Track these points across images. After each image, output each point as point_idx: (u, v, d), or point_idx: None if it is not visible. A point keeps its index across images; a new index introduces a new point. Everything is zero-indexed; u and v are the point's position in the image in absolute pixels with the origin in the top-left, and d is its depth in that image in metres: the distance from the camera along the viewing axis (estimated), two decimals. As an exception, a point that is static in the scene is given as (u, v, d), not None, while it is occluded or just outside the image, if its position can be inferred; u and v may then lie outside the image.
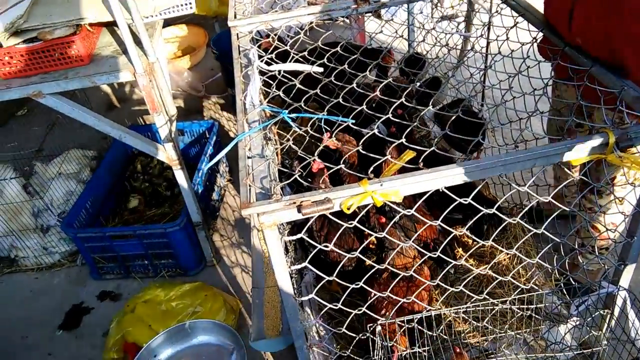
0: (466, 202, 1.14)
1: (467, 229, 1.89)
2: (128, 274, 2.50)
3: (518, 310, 1.51)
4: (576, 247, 1.61)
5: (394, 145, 1.30)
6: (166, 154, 2.01)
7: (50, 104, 1.76)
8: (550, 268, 1.53)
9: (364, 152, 1.28)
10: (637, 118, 1.19)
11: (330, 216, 1.11)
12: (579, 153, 1.11)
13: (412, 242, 1.71)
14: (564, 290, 1.65)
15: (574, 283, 1.55)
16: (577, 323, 1.56)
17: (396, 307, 1.43)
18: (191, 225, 2.33)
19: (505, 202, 2.05)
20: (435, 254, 1.32)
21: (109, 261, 2.46)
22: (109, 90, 3.77)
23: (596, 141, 1.09)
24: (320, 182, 1.73)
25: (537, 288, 1.68)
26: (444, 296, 1.76)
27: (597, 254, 1.51)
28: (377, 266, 1.30)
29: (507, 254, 1.92)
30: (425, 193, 1.13)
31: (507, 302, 1.47)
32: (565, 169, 1.52)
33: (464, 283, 1.37)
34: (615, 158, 1.11)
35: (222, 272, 2.45)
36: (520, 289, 1.55)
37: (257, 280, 1.76)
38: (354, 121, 1.32)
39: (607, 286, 1.44)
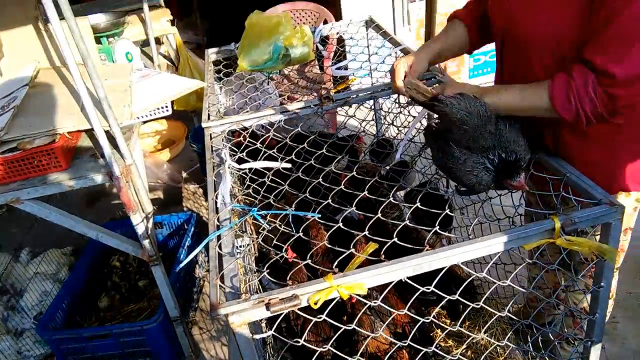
0: (429, 290, 1.19)
1: (441, 310, 1.93)
2: (104, 376, 2.42)
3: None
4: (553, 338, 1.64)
5: (357, 238, 1.37)
6: (142, 250, 2.04)
7: (28, 210, 1.81)
8: (526, 348, 1.55)
9: (329, 246, 1.33)
10: (584, 204, 1.27)
11: (299, 312, 1.14)
12: (530, 239, 1.18)
13: (388, 326, 1.74)
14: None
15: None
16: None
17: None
18: (169, 321, 2.31)
19: (480, 281, 2.10)
20: (405, 342, 1.34)
21: (84, 363, 2.39)
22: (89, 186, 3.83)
23: (543, 227, 1.17)
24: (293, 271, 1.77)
25: (515, 368, 1.69)
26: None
27: (575, 344, 1.53)
28: (350, 359, 1.31)
29: (489, 340, 1.95)
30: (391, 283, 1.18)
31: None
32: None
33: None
34: (563, 241, 1.18)
35: (202, 367, 2.40)
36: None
37: (234, 376, 1.74)
38: (320, 215, 1.39)
39: (577, 363, 1.47)
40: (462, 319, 1.84)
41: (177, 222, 3.00)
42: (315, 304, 1.10)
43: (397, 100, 2.19)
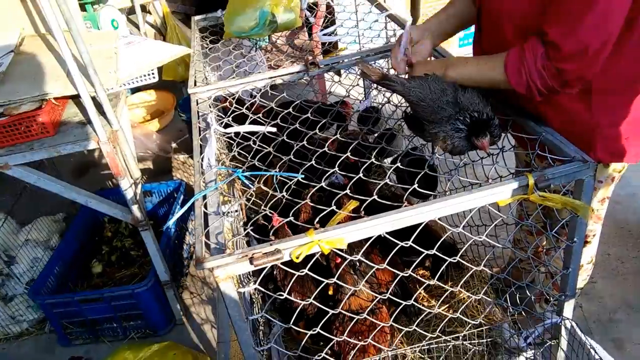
0: (407, 245, 1.24)
1: (422, 269, 1.99)
2: (97, 339, 2.48)
3: (470, 346, 1.58)
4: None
5: (340, 195, 1.41)
6: (132, 215, 2.08)
7: (17, 175, 1.83)
8: (504, 304, 1.62)
9: (311, 204, 1.37)
10: (560, 161, 1.31)
11: (281, 266, 1.19)
12: (503, 195, 1.23)
13: (372, 286, 1.80)
14: (517, 321, 1.73)
15: (524, 314, 1.64)
16: (531, 355, 1.64)
17: (356, 349, 1.49)
18: (159, 285, 2.36)
19: (461, 242, 2.17)
20: (386, 295, 1.40)
21: (77, 326, 2.45)
22: (78, 157, 3.84)
23: (516, 183, 1.21)
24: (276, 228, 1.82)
25: (493, 324, 1.76)
26: (400, 335, 1.81)
27: (553, 304, 1.59)
28: (332, 311, 1.36)
29: (466, 293, 2.02)
30: (370, 238, 1.23)
31: (460, 338, 1.55)
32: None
33: (416, 323, 1.45)
34: (537, 197, 1.23)
35: (192, 330, 2.46)
36: (476, 325, 1.63)
37: (223, 334, 1.80)
38: (303, 176, 1.42)
39: (551, 317, 1.54)
40: (442, 276, 1.92)
41: (166, 190, 3.03)
42: (297, 257, 1.15)
43: (383, 68, 2.20)
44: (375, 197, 1.31)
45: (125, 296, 2.32)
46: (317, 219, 1.27)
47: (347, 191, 1.36)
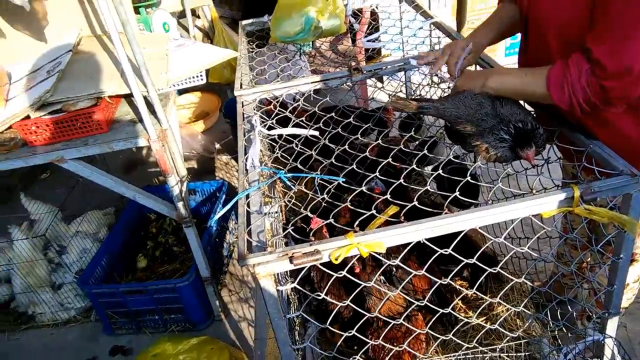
0: (447, 253, 1.23)
1: (460, 279, 1.96)
2: (139, 329, 2.57)
3: (507, 359, 1.55)
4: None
5: (380, 200, 1.42)
6: (177, 212, 2.15)
7: (72, 169, 1.93)
8: (545, 319, 1.58)
9: (352, 207, 1.39)
10: (607, 174, 1.28)
11: (321, 267, 1.21)
12: (548, 206, 1.21)
13: (408, 293, 1.80)
14: (557, 337, 1.69)
15: (564, 330, 1.59)
16: (570, 372, 1.60)
17: (390, 354, 1.49)
18: (200, 281, 2.43)
19: (502, 254, 2.13)
20: (422, 302, 1.40)
21: (121, 316, 2.55)
22: (127, 154, 4.00)
23: (562, 195, 1.19)
24: (315, 230, 1.85)
25: (532, 338, 1.72)
26: (435, 344, 1.80)
27: (595, 322, 1.55)
28: (368, 315, 1.37)
29: (505, 305, 1.98)
30: (410, 243, 1.23)
31: (497, 350, 1.52)
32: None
33: (452, 332, 1.44)
34: (582, 210, 1.20)
35: (230, 326, 2.52)
36: (514, 337, 1.61)
37: (259, 332, 1.84)
38: (344, 179, 1.44)
39: (593, 334, 1.49)
40: (481, 287, 1.88)
41: (209, 189, 3.11)
42: (336, 259, 1.16)
43: (426, 74, 2.20)
44: (416, 203, 1.31)
45: (168, 290, 2.40)
46: (356, 223, 1.28)
47: (388, 196, 1.37)
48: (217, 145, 4.06)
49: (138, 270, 2.84)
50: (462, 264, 1.28)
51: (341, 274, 1.24)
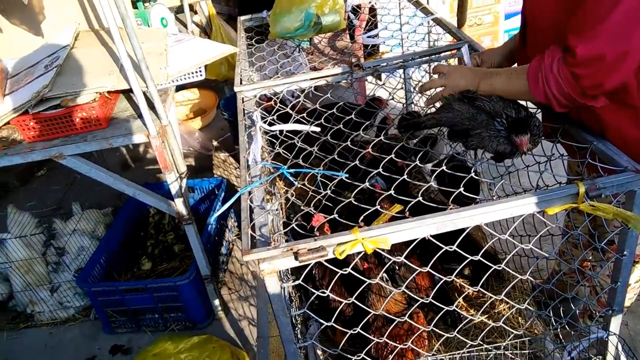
0: (452, 249, 1.22)
1: (461, 278, 1.96)
2: (139, 328, 2.56)
3: (511, 356, 1.55)
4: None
5: (383, 196, 1.40)
6: (176, 209, 2.13)
7: (70, 165, 1.91)
8: (546, 315, 1.58)
9: (356, 203, 1.38)
10: (611, 171, 1.27)
11: (325, 264, 1.20)
12: (553, 203, 1.20)
13: (411, 291, 1.79)
14: (560, 335, 1.69)
15: (567, 328, 1.59)
16: (573, 369, 1.59)
17: (394, 353, 1.48)
18: (200, 279, 2.42)
19: (503, 252, 2.13)
20: (428, 300, 1.39)
21: (120, 315, 2.53)
22: (124, 152, 3.97)
23: (567, 191, 1.18)
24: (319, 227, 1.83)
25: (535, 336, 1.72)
26: (438, 343, 1.80)
27: (598, 320, 1.54)
28: (373, 312, 1.36)
29: (507, 303, 1.98)
30: (413, 241, 1.22)
31: (502, 347, 1.52)
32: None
33: (456, 329, 1.43)
34: (587, 207, 1.19)
35: (230, 325, 2.50)
36: (517, 335, 1.60)
37: (262, 330, 1.82)
38: (347, 175, 1.43)
39: (597, 331, 1.49)
40: (483, 284, 1.88)
41: (208, 187, 3.09)
42: (341, 254, 1.15)
43: (427, 70, 2.19)
44: (420, 198, 1.30)
45: (168, 288, 2.39)
46: (360, 219, 1.27)
47: (392, 192, 1.36)
48: (215, 143, 4.04)
49: (136, 268, 2.82)
50: (467, 260, 1.27)
51: (346, 270, 1.23)
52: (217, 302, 2.52)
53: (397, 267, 1.85)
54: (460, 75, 1.51)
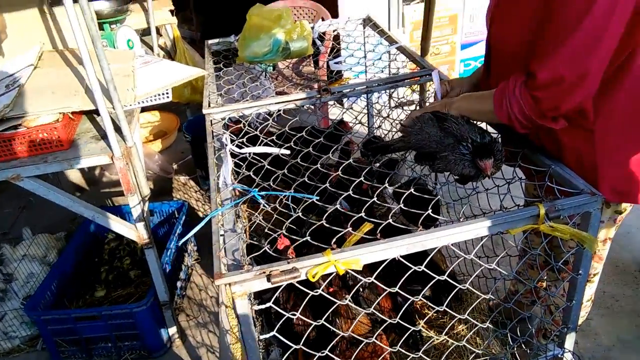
0: (420, 270, 1.26)
1: (422, 297, 2.00)
2: (90, 358, 2.44)
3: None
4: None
5: (354, 219, 1.43)
6: (137, 233, 2.08)
7: (28, 187, 1.83)
8: (504, 336, 1.63)
9: (327, 225, 1.39)
10: (568, 194, 1.34)
11: (297, 285, 1.20)
12: (515, 224, 1.26)
13: (374, 312, 1.81)
14: (516, 354, 1.74)
15: (523, 347, 1.65)
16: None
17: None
18: (158, 305, 2.34)
19: (462, 275, 2.19)
20: (395, 320, 1.41)
21: (71, 345, 2.40)
22: (78, 174, 3.84)
23: (528, 213, 1.25)
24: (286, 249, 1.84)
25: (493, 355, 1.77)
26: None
27: (552, 338, 1.60)
28: (341, 333, 1.37)
29: (466, 323, 2.03)
30: (382, 263, 1.25)
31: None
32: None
33: (421, 350, 1.45)
34: (547, 227, 1.26)
35: (188, 353, 2.43)
36: (476, 355, 1.64)
37: (224, 356, 1.79)
38: (318, 197, 1.45)
39: (553, 349, 1.55)
40: (445, 305, 1.93)
41: (168, 210, 3.03)
42: (314, 277, 1.16)
43: (391, 95, 2.26)
44: (391, 220, 1.33)
45: (123, 315, 2.30)
46: (333, 241, 1.29)
47: (363, 214, 1.38)
48: (175, 166, 3.98)
49: (89, 295, 2.70)
50: (434, 281, 1.31)
51: (317, 292, 1.23)
52: (174, 329, 2.44)
53: (360, 289, 1.87)
54: (426, 108, 1.61)
